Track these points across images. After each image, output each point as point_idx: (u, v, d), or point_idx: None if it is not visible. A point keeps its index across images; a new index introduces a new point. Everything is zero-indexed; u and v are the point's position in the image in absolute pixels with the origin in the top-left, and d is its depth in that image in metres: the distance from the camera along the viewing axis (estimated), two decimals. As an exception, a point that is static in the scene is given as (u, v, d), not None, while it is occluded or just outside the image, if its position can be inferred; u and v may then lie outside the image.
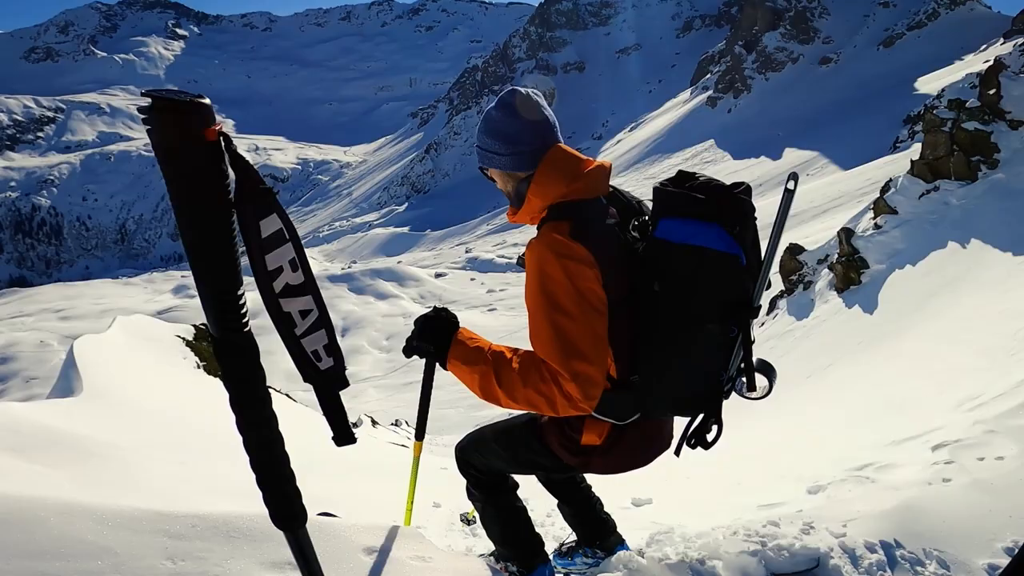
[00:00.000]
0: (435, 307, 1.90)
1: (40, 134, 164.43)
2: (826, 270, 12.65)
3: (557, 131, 1.83)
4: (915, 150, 17.35)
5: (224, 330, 1.28)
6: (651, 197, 1.78)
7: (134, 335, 8.71)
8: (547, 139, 1.79)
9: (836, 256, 12.17)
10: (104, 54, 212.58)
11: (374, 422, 21.30)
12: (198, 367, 8.82)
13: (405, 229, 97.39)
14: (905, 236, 11.03)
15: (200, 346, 9.50)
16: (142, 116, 1.09)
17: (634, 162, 78.03)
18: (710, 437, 1.80)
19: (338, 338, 1.50)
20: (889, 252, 11.00)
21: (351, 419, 1.67)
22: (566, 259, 1.62)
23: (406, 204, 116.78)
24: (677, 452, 1.89)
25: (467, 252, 71.00)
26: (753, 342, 1.69)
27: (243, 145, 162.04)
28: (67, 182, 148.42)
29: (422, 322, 1.84)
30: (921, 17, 67.70)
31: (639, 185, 69.05)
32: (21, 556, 1.62)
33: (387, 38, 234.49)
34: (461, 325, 1.82)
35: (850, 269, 11.33)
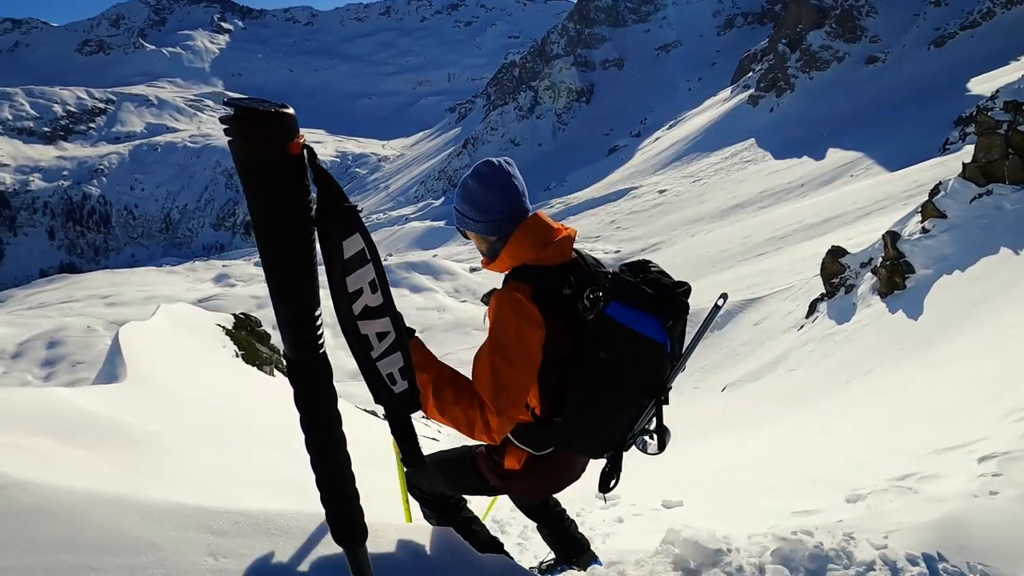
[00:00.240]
0: None
1: (92, 125, 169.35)
2: (869, 274, 12.35)
3: (526, 199, 2.02)
4: (967, 152, 16.78)
5: (300, 351, 1.23)
6: (609, 272, 2.03)
7: (177, 323, 8.93)
8: (516, 208, 1.98)
9: (880, 260, 11.87)
10: (152, 47, 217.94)
11: (406, 414, 21.55)
12: (236, 356, 9.00)
13: (441, 223, 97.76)
14: (954, 241, 10.70)
15: (239, 335, 9.69)
16: (224, 126, 1.03)
17: (672, 160, 77.09)
18: (612, 483, 2.08)
19: None
20: (937, 257, 10.68)
21: (381, 411, 1.70)
22: (520, 318, 1.83)
23: (442, 198, 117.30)
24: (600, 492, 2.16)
25: (502, 248, 71.12)
26: (660, 413, 2.03)
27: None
28: (116, 172, 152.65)
29: None
30: (975, 16, 65.35)
31: (677, 183, 68.21)
32: (67, 549, 1.65)
33: (426, 33, 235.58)
34: (417, 333, 1.98)
35: (895, 273, 11.03)
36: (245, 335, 9.84)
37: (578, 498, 5.74)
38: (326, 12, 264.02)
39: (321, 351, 1.25)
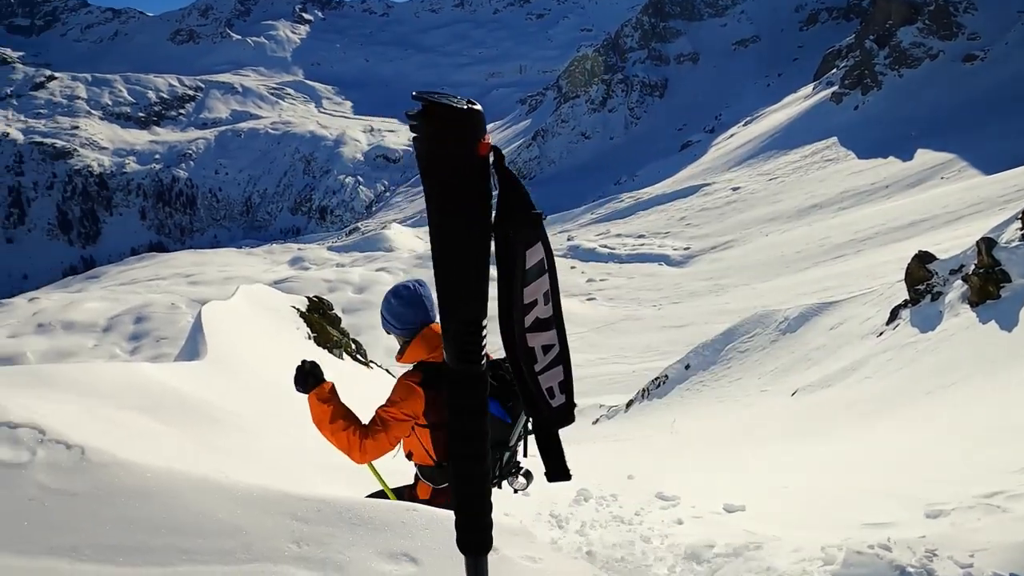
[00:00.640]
0: (311, 363, 2.70)
1: (182, 111, 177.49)
2: (959, 281, 11.67)
3: (434, 312, 2.71)
4: (1073, 155, 15.59)
5: (464, 362, 1.21)
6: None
7: (255, 303, 9.27)
8: (423, 320, 2.69)
9: (972, 267, 11.20)
10: (238, 37, 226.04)
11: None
12: (309, 338, 9.28)
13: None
14: (1056, 249, 9.99)
15: (312, 317, 9.99)
16: (411, 123, 0.98)
17: (747, 157, 74.82)
18: None
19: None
20: (1035, 266, 10.00)
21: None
22: (405, 390, 2.53)
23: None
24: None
25: (569, 240, 70.62)
26: (518, 461, 2.76)
27: (359, 126, 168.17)
28: (203, 156, 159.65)
29: (298, 371, 2.64)
30: (1089, 10, 60.75)
31: (752, 181, 66.26)
32: (165, 531, 1.73)
33: (498, 25, 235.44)
34: (331, 379, 2.65)
35: (988, 282, 10.39)
36: (318, 317, 10.13)
37: (639, 497, 5.68)
38: (401, 3, 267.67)
39: (483, 361, 1.24)
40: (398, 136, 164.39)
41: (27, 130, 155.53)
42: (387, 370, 14.04)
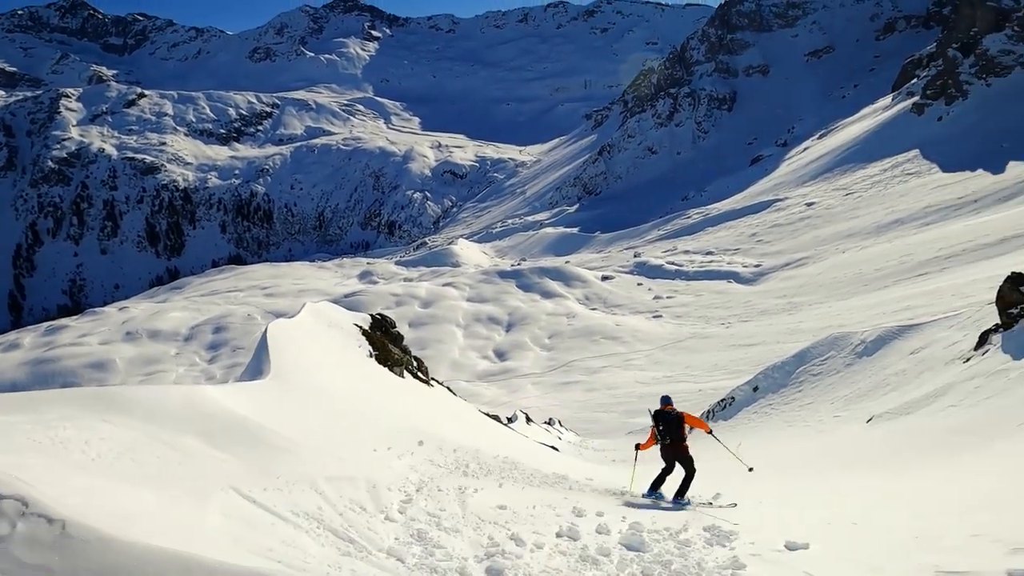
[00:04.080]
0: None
1: (260, 127, 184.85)
2: (1053, 306, 10.90)
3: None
4: None
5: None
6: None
7: (320, 321, 9.49)
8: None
9: (1067, 290, 10.44)
10: (312, 54, 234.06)
11: (528, 419, 21.67)
12: (370, 356, 9.42)
13: (575, 230, 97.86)
14: None
15: (374, 335, 10.16)
16: None
17: (823, 172, 72.25)
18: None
19: (502, 334, 1.46)
20: None
21: (508, 413, 1.70)
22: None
23: (577, 205, 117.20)
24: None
25: (635, 256, 69.87)
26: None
27: (427, 142, 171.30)
28: (279, 171, 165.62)
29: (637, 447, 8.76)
30: None
31: (827, 196, 64.03)
32: None
33: (564, 39, 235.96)
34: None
35: (1085, 307, 9.66)
36: (380, 335, 10.30)
37: (695, 530, 5.51)
38: (467, 20, 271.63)
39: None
40: (465, 152, 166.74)
41: (120, 146, 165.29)
42: (448, 387, 14.14)
